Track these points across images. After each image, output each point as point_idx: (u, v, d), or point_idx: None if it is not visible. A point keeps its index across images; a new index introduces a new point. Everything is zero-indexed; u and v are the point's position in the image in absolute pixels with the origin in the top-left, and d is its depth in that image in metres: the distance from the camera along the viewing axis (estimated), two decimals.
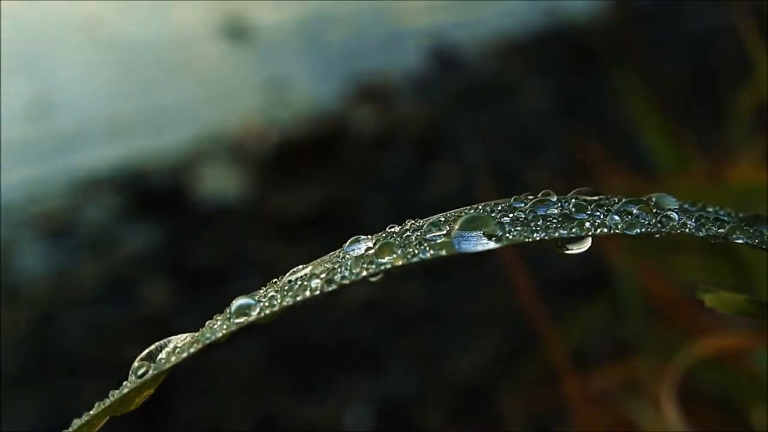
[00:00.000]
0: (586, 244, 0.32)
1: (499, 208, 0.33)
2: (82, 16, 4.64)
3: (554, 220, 0.32)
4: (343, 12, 4.49)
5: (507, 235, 0.31)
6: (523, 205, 0.33)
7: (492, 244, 0.31)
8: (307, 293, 0.31)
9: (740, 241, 0.32)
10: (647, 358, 1.14)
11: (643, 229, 0.32)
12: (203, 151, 3.42)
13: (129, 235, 2.96)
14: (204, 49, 4.35)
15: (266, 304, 0.31)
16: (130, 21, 4.60)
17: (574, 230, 0.32)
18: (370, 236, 0.33)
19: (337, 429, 2.06)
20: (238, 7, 4.50)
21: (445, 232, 0.32)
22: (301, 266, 0.33)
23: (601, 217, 0.32)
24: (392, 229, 0.33)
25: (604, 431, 1.17)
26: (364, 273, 0.31)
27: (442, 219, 0.33)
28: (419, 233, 0.32)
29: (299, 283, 0.32)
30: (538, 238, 0.31)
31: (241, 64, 4.25)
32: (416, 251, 0.31)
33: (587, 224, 0.32)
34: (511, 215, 0.33)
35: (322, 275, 0.31)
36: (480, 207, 0.33)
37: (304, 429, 2.06)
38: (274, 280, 0.33)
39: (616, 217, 0.32)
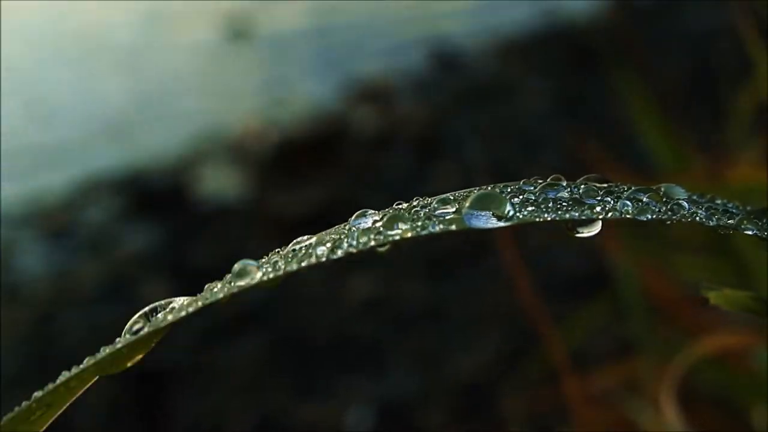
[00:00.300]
0: (597, 227, 0.32)
1: (509, 190, 0.33)
2: (81, 16, 4.63)
3: (564, 204, 0.32)
4: (343, 12, 4.49)
5: (518, 214, 0.31)
6: (532, 188, 0.33)
7: (502, 223, 0.31)
8: (313, 260, 0.30)
9: (750, 233, 0.32)
10: (648, 358, 1.14)
11: (654, 216, 0.32)
12: (203, 151, 3.42)
13: (129, 235, 2.96)
14: (205, 48, 4.35)
15: (270, 268, 0.31)
16: (131, 21, 4.60)
17: (585, 213, 0.31)
18: (376, 211, 0.32)
19: (339, 429, 2.06)
20: (238, 8, 4.50)
21: (454, 209, 0.31)
22: (306, 236, 0.32)
23: (611, 202, 0.32)
24: (400, 206, 0.33)
25: (604, 431, 1.17)
26: (372, 243, 0.30)
27: (451, 197, 0.32)
28: (427, 210, 0.31)
29: (304, 250, 0.31)
30: (549, 219, 0.31)
31: (242, 64, 4.25)
32: (425, 224, 0.30)
33: (598, 208, 0.32)
34: (521, 197, 0.32)
35: (328, 244, 0.31)
36: (490, 188, 0.33)
37: (305, 429, 2.06)
38: (277, 250, 0.32)
39: (628, 203, 0.32)
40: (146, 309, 0.32)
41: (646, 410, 1.10)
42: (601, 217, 0.31)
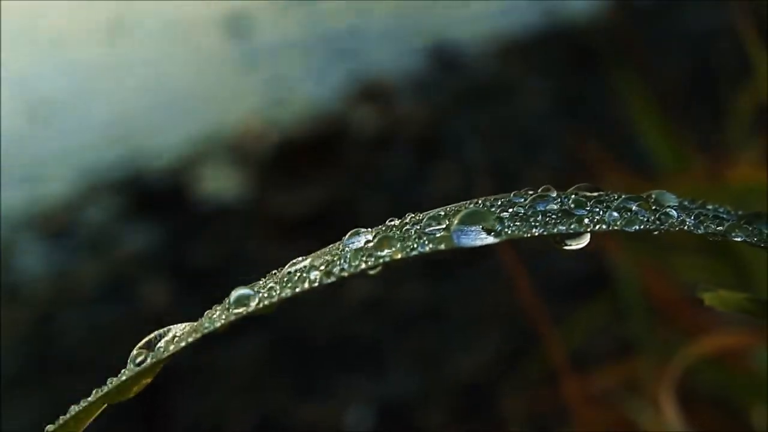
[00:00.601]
0: (585, 239, 0.32)
1: (499, 203, 0.33)
2: (80, 16, 4.64)
3: (553, 216, 0.32)
4: (343, 12, 4.50)
5: (506, 230, 0.31)
6: (522, 200, 0.33)
7: (491, 239, 0.31)
8: (306, 285, 0.31)
9: (739, 239, 0.32)
10: (648, 358, 1.14)
11: (642, 226, 0.32)
12: (203, 151, 3.42)
13: (129, 235, 2.96)
14: (204, 47, 4.35)
15: (265, 294, 0.31)
16: (131, 20, 4.60)
17: (572, 226, 0.32)
18: (369, 229, 0.33)
19: (339, 429, 2.06)
20: (239, 7, 4.50)
21: (444, 226, 0.32)
22: (300, 258, 0.33)
23: (600, 213, 0.32)
24: (392, 223, 0.33)
25: (604, 431, 1.17)
26: (363, 266, 0.31)
27: (442, 213, 0.33)
28: (419, 227, 0.32)
29: (298, 274, 0.32)
30: (536, 234, 0.31)
31: (242, 64, 4.25)
32: (415, 245, 0.31)
33: (586, 220, 0.32)
34: (510, 210, 0.33)
35: (322, 267, 0.31)
36: (480, 202, 0.33)
37: (305, 429, 2.06)
38: (274, 272, 0.33)
39: (615, 214, 0.32)
40: (149, 337, 0.33)
41: (646, 410, 1.10)
42: (589, 230, 0.32)
